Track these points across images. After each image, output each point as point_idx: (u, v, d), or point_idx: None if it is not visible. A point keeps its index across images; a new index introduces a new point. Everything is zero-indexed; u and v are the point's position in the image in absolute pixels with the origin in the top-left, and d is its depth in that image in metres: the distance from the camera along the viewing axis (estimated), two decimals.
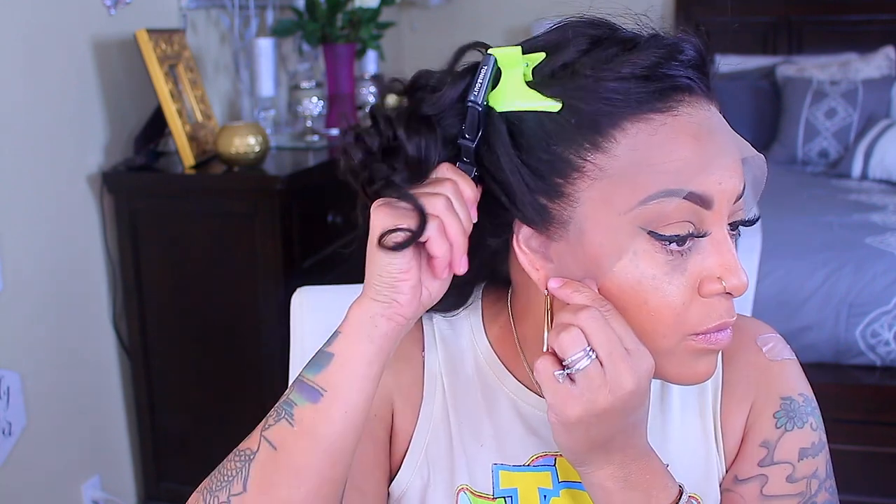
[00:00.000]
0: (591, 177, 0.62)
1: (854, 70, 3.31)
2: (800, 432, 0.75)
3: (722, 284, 0.63)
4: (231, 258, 1.97)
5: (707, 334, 0.64)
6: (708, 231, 0.63)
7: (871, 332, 2.15)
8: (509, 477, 0.75)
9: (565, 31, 0.65)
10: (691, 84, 0.63)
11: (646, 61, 0.61)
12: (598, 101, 0.61)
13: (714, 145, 0.62)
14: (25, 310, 1.82)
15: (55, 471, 1.94)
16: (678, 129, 0.61)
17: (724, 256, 0.63)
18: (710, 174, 0.61)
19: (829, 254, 2.21)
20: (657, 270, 0.62)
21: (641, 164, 0.61)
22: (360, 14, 2.65)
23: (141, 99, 2.13)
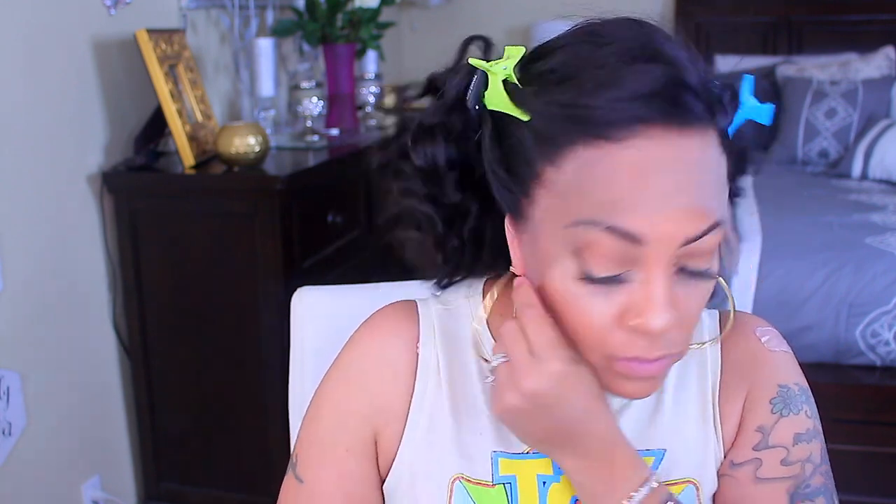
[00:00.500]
0: (545, 186, 0.65)
1: (854, 70, 3.31)
2: (795, 418, 0.76)
3: (634, 322, 0.63)
4: (231, 258, 1.97)
5: (627, 362, 0.65)
6: (638, 270, 0.63)
7: (871, 332, 2.15)
8: (508, 464, 0.75)
9: (561, 37, 0.68)
10: (656, 115, 0.60)
11: (612, 95, 0.60)
12: (557, 119, 0.63)
13: (655, 186, 0.60)
14: (25, 310, 1.82)
15: (55, 471, 1.94)
16: (619, 163, 0.60)
17: (648, 297, 0.62)
18: (640, 213, 0.60)
19: (829, 254, 2.21)
20: (581, 291, 0.64)
21: (579, 188, 0.62)
22: (360, 14, 2.65)
23: (141, 99, 2.13)
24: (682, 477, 0.76)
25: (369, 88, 2.87)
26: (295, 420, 1.05)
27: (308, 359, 1.03)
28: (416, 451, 0.76)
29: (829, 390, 2.09)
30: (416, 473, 0.76)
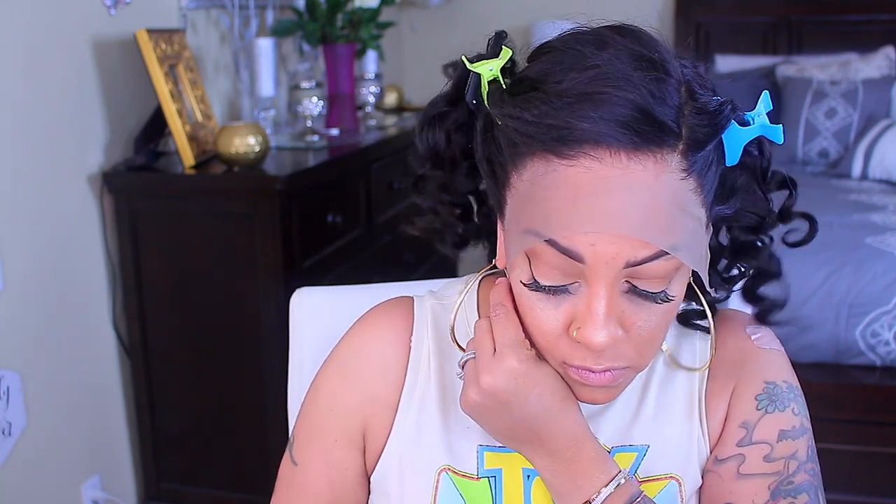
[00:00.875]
0: (510, 188, 0.68)
1: (854, 70, 3.31)
2: (780, 415, 0.76)
3: (578, 334, 0.64)
4: (231, 258, 1.97)
5: (578, 369, 0.67)
6: (584, 283, 0.64)
7: (871, 332, 2.15)
8: (494, 457, 0.76)
9: (552, 42, 0.70)
10: (603, 139, 0.60)
11: (576, 94, 0.62)
12: (520, 128, 0.64)
13: (595, 207, 0.60)
14: (25, 310, 1.82)
15: (55, 471, 1.94)
16: (564, 180, 0.61)
17: (589, 312, 0.64)
18: (578, 232, 0.61)
19: (829, 254, 2.21)
20: (532, 295, 0.67)
21: (531, 198, 0.64)
22: (360, 14, 2.65)
23: (141, 99, 2.13)
24: (664, 473, 0.76)
25: (369, 88, 2.87)
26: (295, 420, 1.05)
27: (308, 359, 1.03)
28: (405, 443, 0.77)
29: (829, 390, 2.09)
30: (403, 465, 0.77)
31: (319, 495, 0.80)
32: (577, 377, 0.68)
